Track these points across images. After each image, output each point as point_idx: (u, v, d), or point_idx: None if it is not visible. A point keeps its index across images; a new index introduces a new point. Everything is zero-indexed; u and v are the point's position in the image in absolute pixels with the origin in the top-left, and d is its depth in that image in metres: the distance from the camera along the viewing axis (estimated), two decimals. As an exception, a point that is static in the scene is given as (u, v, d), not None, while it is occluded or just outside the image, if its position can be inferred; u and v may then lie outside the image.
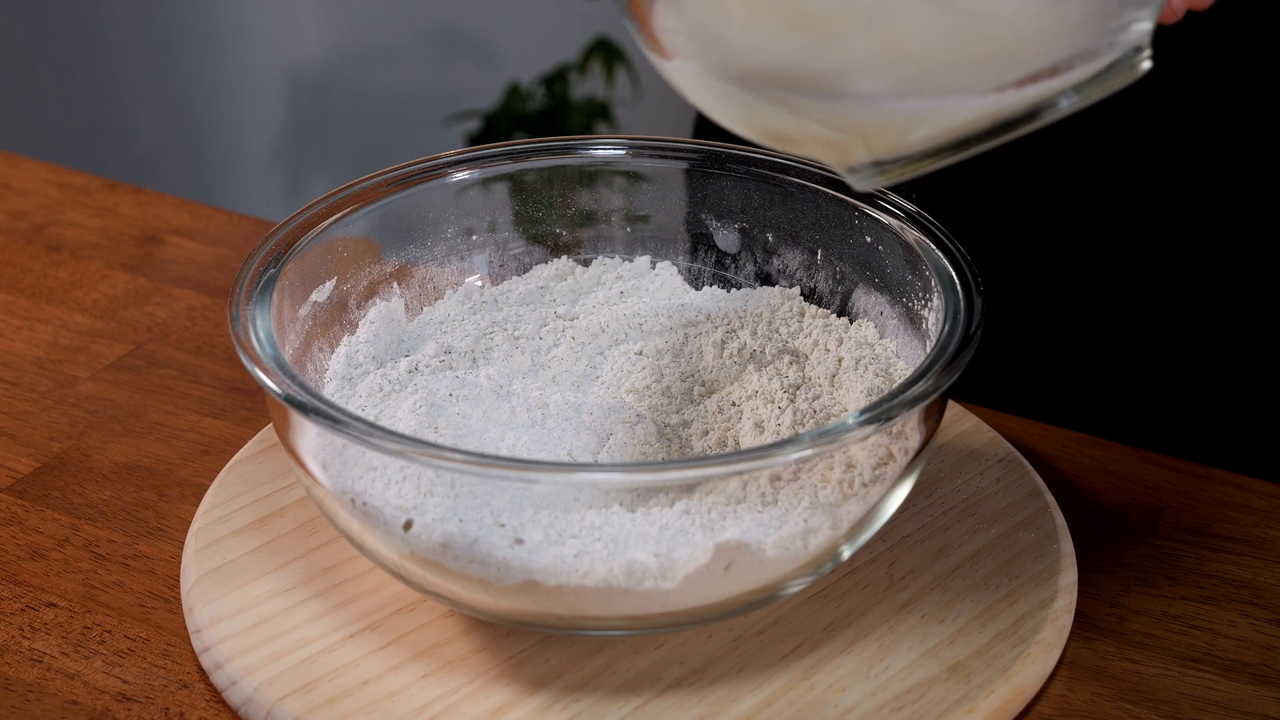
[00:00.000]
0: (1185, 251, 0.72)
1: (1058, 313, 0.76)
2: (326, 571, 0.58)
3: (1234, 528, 0.63)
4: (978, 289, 0.57)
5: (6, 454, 0.67)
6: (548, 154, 0.68)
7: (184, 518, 0.63)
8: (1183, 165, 0.70)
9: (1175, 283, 0.73)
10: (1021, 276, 0.75)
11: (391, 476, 0.53)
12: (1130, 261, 0.73)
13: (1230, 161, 0.70)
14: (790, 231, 0.66)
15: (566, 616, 0.53)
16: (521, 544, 0.51)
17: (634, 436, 0.59)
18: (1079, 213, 0.73)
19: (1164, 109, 0.70)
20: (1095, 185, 0.73)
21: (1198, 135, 0.70)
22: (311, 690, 0.53)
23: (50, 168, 0.90)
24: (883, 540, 0.60)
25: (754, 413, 0.59)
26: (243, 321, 0.56)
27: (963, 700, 0.53)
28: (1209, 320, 0.73)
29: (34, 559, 0.61)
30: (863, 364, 0.61)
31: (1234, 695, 0.55)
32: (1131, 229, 0.73)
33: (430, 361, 0.63)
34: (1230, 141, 0.69)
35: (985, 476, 0.63)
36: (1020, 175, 0.74)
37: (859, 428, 0.51)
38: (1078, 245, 0.74)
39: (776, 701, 0.53)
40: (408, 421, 0.59)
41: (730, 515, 0.53)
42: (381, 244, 0.65)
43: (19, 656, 0.56)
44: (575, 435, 0.59)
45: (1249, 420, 0.74)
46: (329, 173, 2.30)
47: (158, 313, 0.77)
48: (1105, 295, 0.75)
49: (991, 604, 0.57)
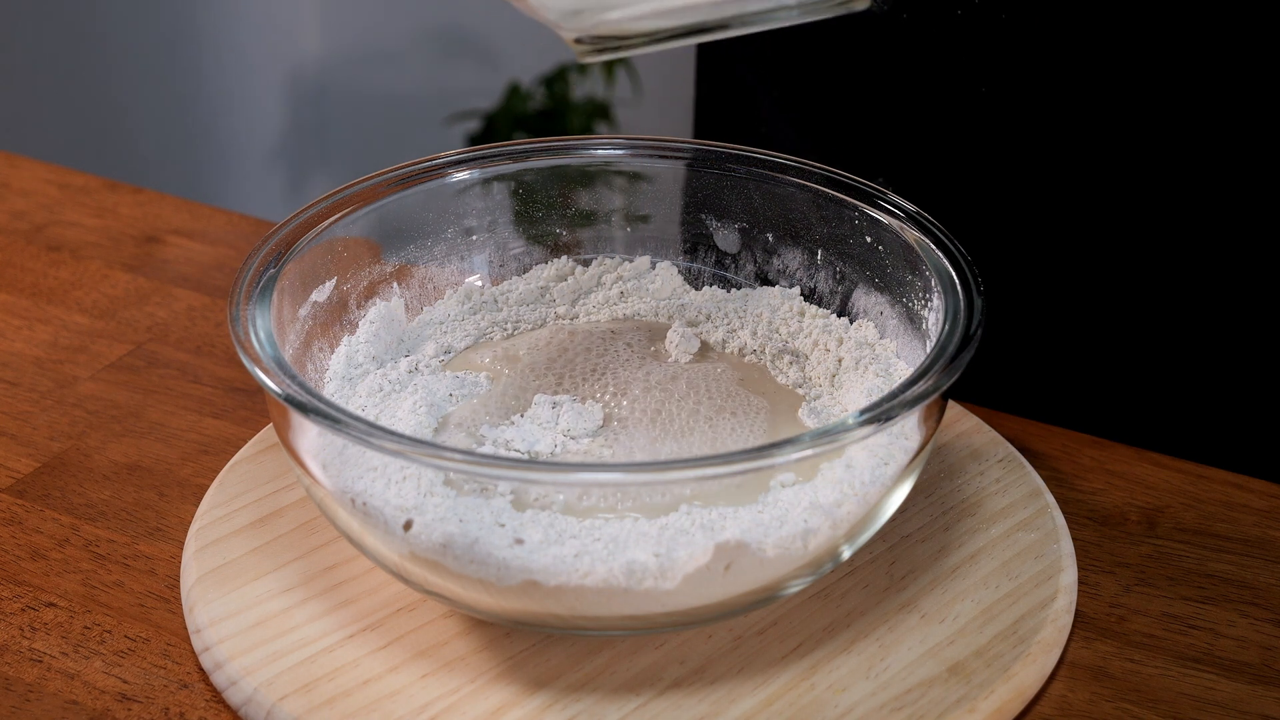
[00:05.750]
0: (1185, 251, 0.72)
1: (1058, 312, 0.76)
2: (326, 571, 0.58)
3: (1234, 528, 0.63)
4: (978, 289, 0.57)
5: (6, 454, 0.67)
6: (548, 154, 0.68)
7: (184, 518, 0.63)
8: (1183, 165, 0.70)
9: (1175, 283, 0.73)
10: (1021, 276, 0.75)
11: (391, 476, 0.53)
12: (1130, 261, 0.73)
13: (1230, 161, 0.70)
14: (790, 231, 0.66)
15: (566, 616, 0.53)
16: (521, 544, 0.51)
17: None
18: (1079, 212, 0.73)
19: (1164, 109, 0.70)
20: (1095, 185, 0.73)
21: (1198, 135, 0.70)
22: (311, 690, 0.53)
23: (50, 168, 0.90)
24: (883, 540, 0.60)
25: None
26: (243, 321, 0.56)
27: (963, 700, 0.53)
28: (1210, 320, 0.73)
29: (34, 559, 0.61)
30: (863, 364, 0.61)
31: (1234, 695, 0.55)
32: (1131, 229, 0.73)
33: (431, 361, 0.64)
34: (1230, 141, 0.69)
35: (985, 476, 0.63)
36: (1020, 175, 0.74)
37: (859, 428, 0.51)
38: (1078, 245, 0.74)
39: (776, 701, 0.53)
40: (408, 421, 0.59)
41: (730, 515, 0.53)
42: (381, 244, 0.65)
43: (19, 656, 0.56)
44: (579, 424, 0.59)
45: (1249, 420, 0.74)
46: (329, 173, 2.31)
47: (158, 313, 0.77)
48: (1105, 295, 0.75)
49: (991, 604, 0.57)
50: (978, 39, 0.72)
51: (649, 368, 0.63)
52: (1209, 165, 0.70)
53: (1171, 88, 0.69)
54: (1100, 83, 0.70)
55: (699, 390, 0.61)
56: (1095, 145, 0.72)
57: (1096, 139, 0.72)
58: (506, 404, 0.61)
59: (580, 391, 0.62)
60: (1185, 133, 0.70)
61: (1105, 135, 0.71)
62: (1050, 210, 0.74)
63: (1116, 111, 0.71)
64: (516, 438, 0.59)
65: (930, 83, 0.75)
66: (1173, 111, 0.70)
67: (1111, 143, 0.71)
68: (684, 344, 0.64)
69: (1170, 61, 0.69)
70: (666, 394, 0.61)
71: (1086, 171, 0.73)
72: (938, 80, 0.74)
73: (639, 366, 0.63)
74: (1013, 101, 0.73)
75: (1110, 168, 0.72)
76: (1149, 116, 0.70)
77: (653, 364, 0.63)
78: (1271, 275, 0.71)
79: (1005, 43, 0.71)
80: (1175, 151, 0.70)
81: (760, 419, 0.60)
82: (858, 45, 0.76)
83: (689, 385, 0.62)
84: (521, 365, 0.63)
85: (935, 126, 0.76)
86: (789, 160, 0.65)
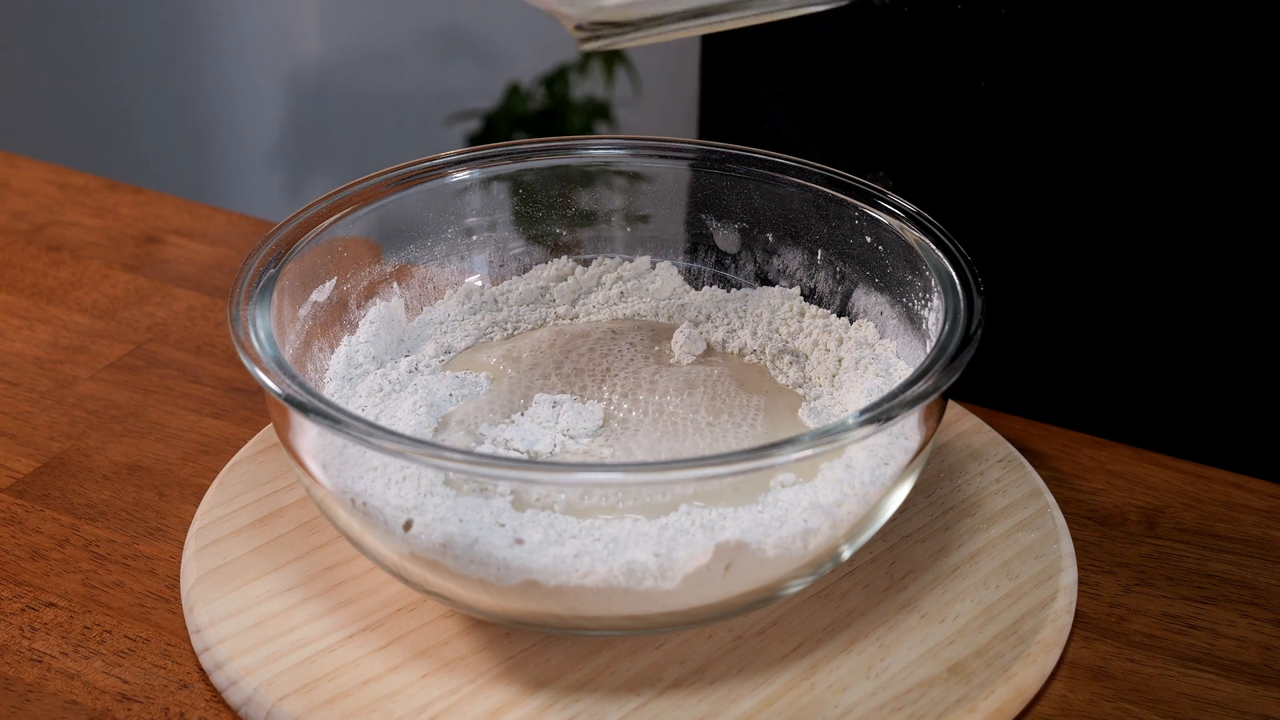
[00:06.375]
0: (1185, 251, 0.72)
1: (1058, 312, 0.76)
2: (326, 571, 0.58)
3: (1234, 528, 0.63)
4: (978, 289, 0.57)
5: (6, 454, 0.67)
6: (548, 154, 0.68)
7: (184, 518, 0.63)
8: (1183, 164, 0.70)
9: (1175, 283, 0.73)
10: (1021, 276, 0.75)
11: (391, 476, 0.53)
12: (1130, 261, 0.73)
13: (1230, 160, 0.70)
14: (790, 231, 0.66)
15: (566, 616, 0.53)
16: (521, 544, 0.51)
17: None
18: (1079, 211, 0.73)
19: (1164, 106, 0.70)
20: (1096, 183, 0.73)
21: (1198, 133, 0.70)
22: (311, 690, 0.53)
23: (50, 168, 0.90)
24: (883, 540, 0.60)
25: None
26: (243, 321, 0.56)
27: (963, 700, 0.53)
28: (1209, 320, 0.73)
29: (34, 559, 0.61)
30: (863, 364, 0.61)
31: (1234, 695, 0.55)
32: (1131, 228, 0.73)
33: (431, 362, 0.64)
34: (1231, 140, 0.69)
35: (985, 476, 0.63)
36: (1020, 172, 0.74)
37: (859, 428, 0.51)
38: (1078, 245, 0.74)
39: (776, 701, 0.53)
40: (408, 421, 0.59)
41: (730, 515, 0.53)
42: (381, 244, 0.65)
43: (19, 656, 0.56)
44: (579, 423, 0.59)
45: (1249, 420, 0.74)
46: (329, 173, 2.31)
47: (158, 313, 0.77)
48: (1105, 295, 0.75)
49: (991, 604, 0.57)
50: (978, 32, 0.72)
51: (650, 368, 0.63)
52: (1209, 164, 0.70)
53: (1171, 84, 0.69)
54: (1100, 77, 0.70)
55: (699, 390, 0.61)
56: (1096, 142, 0.72)
57: (1097, 135, 0.72)
58: (506, 403, 0.61)
59: (581, 391, 0.62)
60: (1185, 131, 0.70)
61: (1106, 131, 0.71)
62: (1050, 209, 0.74)
63: (1117, 107, 0.71)
64: (516, 437, 0.59)
65: (930, 77, 0.75)
66: (1172, 109, 0.70)
67: (1112, 139, 0.71)
68: (689, 344, 0.64)
69: (1170, 57, 0.69)
70: (667, 394, 0.61)
71: (1087, 169, 0.73)
72: (938, 74, 0.74)
73: (640, 366, 0.63)
74: (1012, 96, 0.73)
75: (1110, 165, 0.72)
76: (1149, 113, 0.70)
77: (653, 364, 0.63)
78: (1271, 275, 0.71)
79: (1005, 37, 0.71)
80: (1175, 149, 0.70)
81: (760, 419, 0.60)
82: (859, 39, 0.76)
83: (689, 385, 0.62)
84: (522, 365, 0.63)
85: (936, 121, 0.76)
86: (789, 160, 0.65)
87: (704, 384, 0.62)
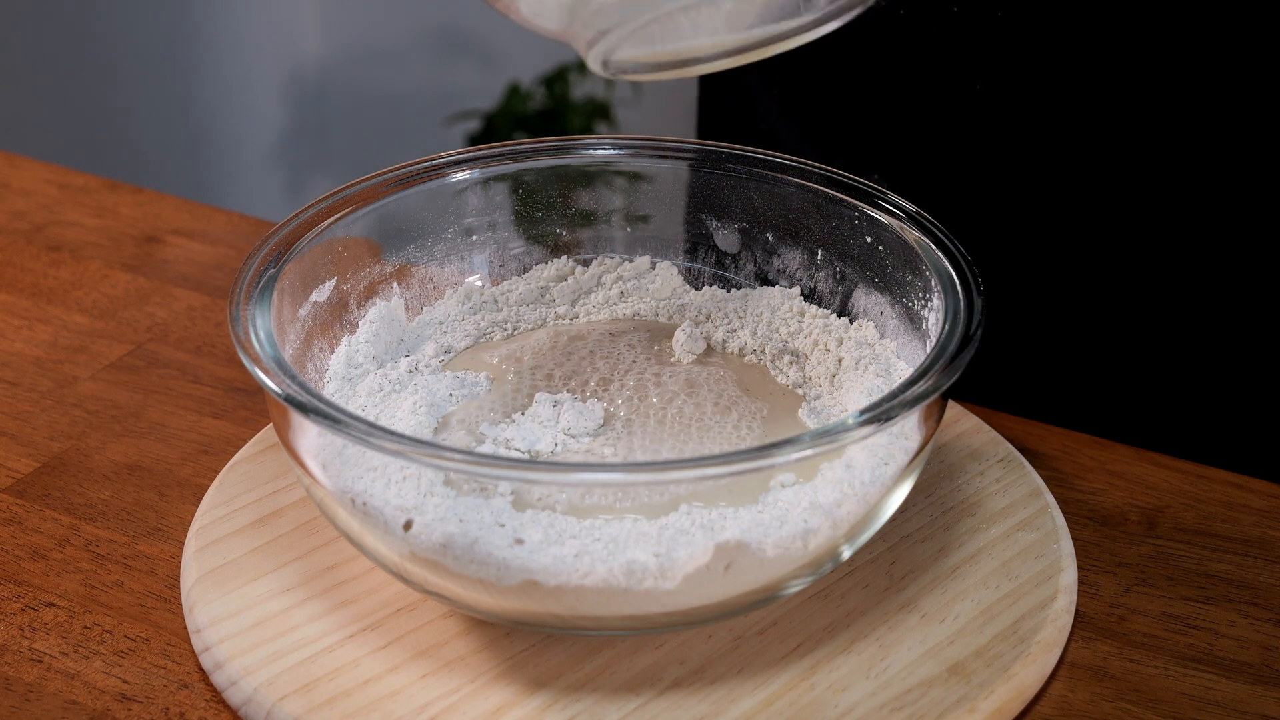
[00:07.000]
0: (1185, 251, 0.72)
1: (1058, 312, 0.76)
2: (326, 571, 0.58)
3: (1234, 528, 0.63)
4: (978, 289, 0.57)
5: (6, 454, 0.67)
6: (548, 154, 0.68)
7: (184, 518, 0.63)
8: (1182, 163, 0.70)
9: (1175, 283, 0.73)
10: (1021, 276, 0.75)
11: (391, 476, 0.53)
12: (1130, 261, 0.73)
13: (1230, 160, 0.70)
14: (790, 231, 0.66)
15: (566, 616, 0.53)
16: (521, 544, 0.51)
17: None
18: (1078, 211, 0.73)
19: (1162, 106, 0.70)
20: (1095, 183, 0.73)
21: (1197, 133, 0.70)
22: (311, 690, 0.53)
23: (50, 168, 0.90)
24: (883, 540, 0.60)
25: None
26: (243, 321, 0.56)
27: (963, 700, 0.53)
28: (1209, 320, 0.73)
29: (34, 559, 0.61)
30: (863, 364, 0.61)
31: (1234, 695, 0.55)
32: (1131, 228, 0.73)
33: (431, 362, 0.64)
34: (1230, 140, 0.69)
35: (985, 476, 0.63)
36: (1018, 173, 0.74)
37: (859, 428, 0.51)
38: (1078, 245, 0.74)
39: (776, 701, 0.53)
40: (408, 421, 0.59)
41: (730, 515, 0.53)
42: (381, 244, 0.65)
43: (19, 656, 0.56)
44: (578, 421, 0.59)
45: (1249, 420, 0.74)
46: (329, 173, 2.31)
47: (158, 313, 0.77)
48: (1105, 295, 0.75)
49: (991, 604, 0.57)
50: (974, 35, 0.72)
51: (650, 367, 0.63)
52: (1208, 164, 0.70)
53: (1169, 85, 0.69)
54: (1096, 79, 0.70)
55: (699, 390, 0.61)
56: (1094, 143, 0.72)
57: (1094, 136, 0.72)
58: (507, 403, 0.61)
59: (581, 391, 0.62)
60: (1184, 131, 0.70)
61: (1104, 132, 0.71)
62: (1049, 209, 0.74)
63: (1114, 108, 0.71)
64: (517, 436, 0.59)
65: (927, 79, 0.75)
66: (1171, 109, 0.70)
67: (1110, 140, 0.71)
68: (690, 344, 0.64)
69: (1167, 58, 0.69)
70: (667, 394, 0.61)
71: (1084, 170, 0.73)
72: (934, 77, 0.74)
73: (641, 366, 0.63)
74: (1008, 98, 0.73)
75: (1109, 166, 0.72)
76: (1147, 114, 0.70)
77: (654, 364, 0.63)
78: (1271, 275, 0.71)
79: (1001, 39, 0.71)
80: (1174, 150, 0.70)
81: (760, 419, 0.60)
82: (856, 42, 0.76)
83: (689, 385, 0.62)
84: (522, 365, 0.63)
85: (932, 123, 0.76)
86: (789, 160, 0.65)
87: (704, 384, 0.62)
